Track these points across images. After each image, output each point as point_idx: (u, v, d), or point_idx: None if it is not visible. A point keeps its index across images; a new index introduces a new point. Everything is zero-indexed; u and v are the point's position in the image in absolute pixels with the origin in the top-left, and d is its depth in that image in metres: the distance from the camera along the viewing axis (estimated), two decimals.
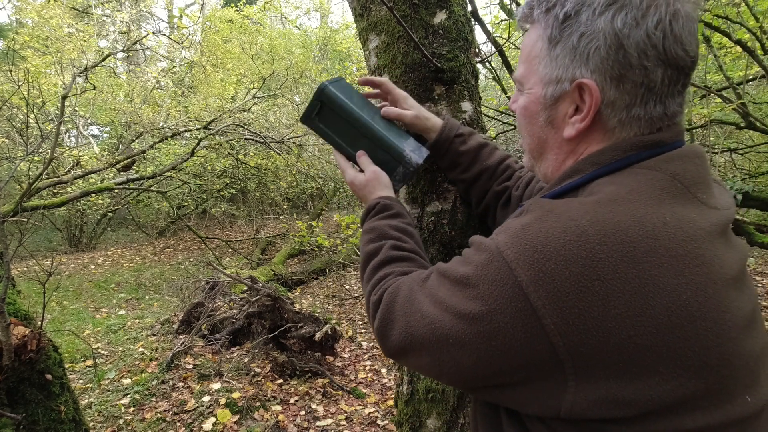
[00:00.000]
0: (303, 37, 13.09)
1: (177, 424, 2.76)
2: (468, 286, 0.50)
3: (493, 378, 0.50)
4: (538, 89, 0.57)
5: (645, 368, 0.42)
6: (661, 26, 0.48)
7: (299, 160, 7.67)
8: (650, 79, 0.50)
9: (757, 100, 3.80)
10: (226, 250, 8.35)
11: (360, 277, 0.78)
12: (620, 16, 0.48)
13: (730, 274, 0.47)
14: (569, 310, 0.42)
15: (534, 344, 0.44)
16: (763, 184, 3.74)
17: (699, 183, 0.50)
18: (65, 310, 5.21)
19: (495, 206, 0.92)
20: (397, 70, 0.99)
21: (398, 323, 0.59)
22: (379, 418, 2.98)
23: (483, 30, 2.29)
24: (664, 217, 0.45)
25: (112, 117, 8.21)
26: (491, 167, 0.92)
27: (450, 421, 0.92)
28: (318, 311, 4.75)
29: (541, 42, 0.55)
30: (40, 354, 1.69)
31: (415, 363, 0.59)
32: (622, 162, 0.52)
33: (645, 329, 0.42)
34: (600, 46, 0.50)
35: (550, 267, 0.43)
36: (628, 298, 0.42)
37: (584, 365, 0.43)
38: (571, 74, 0.53)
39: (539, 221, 0.47)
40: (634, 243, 0.43)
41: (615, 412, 0.43)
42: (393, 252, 0.73)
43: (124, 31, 8.85)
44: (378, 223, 0.80)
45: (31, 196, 5.01)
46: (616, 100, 0.51)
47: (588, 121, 0.53)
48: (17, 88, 4.26)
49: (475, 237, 0.56)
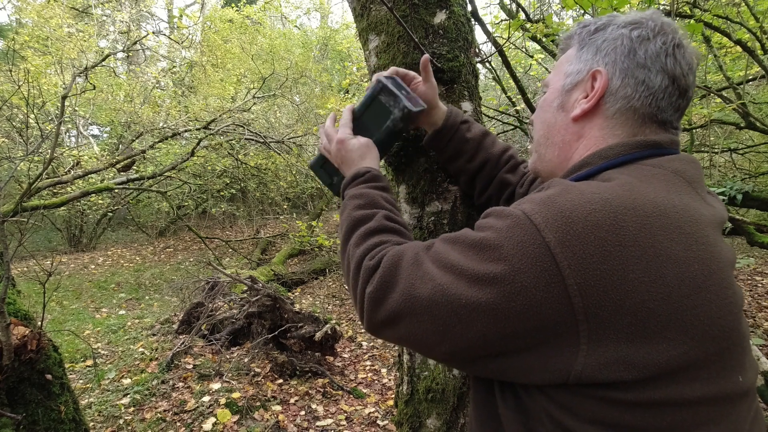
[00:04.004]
0: (303, 37, 13.10)
1: (177, 424, 2.76)
2: (488, 248, 0.51)
3: (502, 343, 0.50)
4: (558, 83, 0.67)
5: (655, 333, 0.45)
6: (666, 47, 0.59)
7: (299, 160, 7.67)
8: (651, 80, 0.59)
9: (757, 100, 3.80)
10: (226, 250, 8.35)
11: (343, 241, 0.73)
12: (637, 31, 0.60)
13: (729, 259, 0.52)
14: (592, 272, 0.45)
15: (554, 304, 0.46)
16: (763, 184, 3.74)
17: (697, 182, 0.56)
18: (65, 310, 5.21)
19: (498, 197, 0.92)
20: None
21: (400, 285, 0.57)
22: (379, 418, 2.98)
23: (483, 30, 2.29)
24: (674, 201, 0.50)
25: (112, 117, 8.20)
26: (495, 155, 0.93)
27: (450, 421, 0.92)
28: (318, 311, 4.75)
29: (573, 50, 0.67)
30: (40, 354, 1.69)
31: (410, 330, 0.56)
32: (627, 157, 0.58)
33: (657, 295, 0.45)
34: (617, 47, 0.61)
35: (578, 230, 0.46)
36: (644, 265, 0.45)
37: (598, 327, 0.45)
38: (590, 65, 0.63)
39: (565, 192, 0.50)
40: (650, 217, 0.48)
41: (623, 374, 0.45)
42: (387, 222, 0.71)
43: (124, 31, 8.85)
44: (368, 190, 0.77)
45: (31, 196, 5.01)
46: (619, 90, 0.60)
47: (594, 101, 0.61)
48: (17, 88, 4.25)
49: (493, 207, 0.57)
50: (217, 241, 8.40)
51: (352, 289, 0.66)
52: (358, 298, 0.63)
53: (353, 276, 0.66)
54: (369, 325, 0.61)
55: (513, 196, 0.90)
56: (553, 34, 2.71)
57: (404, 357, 1.02)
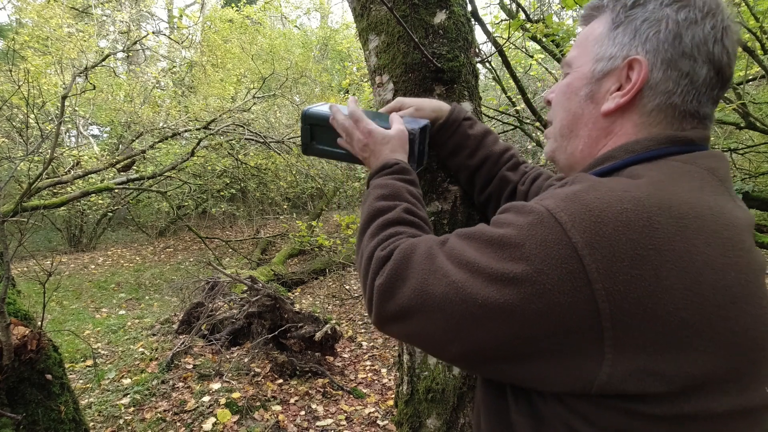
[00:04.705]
0: (303, 37, 13.10)
1: (177, 424, 2.76)
2: (508, 247, 0.47)
3: (518, 346, 0.47)
4: (586, 66, 0.60)
5: (686, 344, 0.42)
6: (715, 31, 0.52)
7: (299, 160, 7.67)
8: (695, 72, 0.53)
9: (757, 100, 3.80)
10: (226, 250, 8.35)
11: (360, 231, 0.70)
12: (684, 11, 0.52)
13: (762, 266, 0.48)
14: (622, 276, 0.42)
15: (578, 309, 0.43)
16: (763, 184, 3.74)
17: (729, 181, 0.52)
18: (65, 310, 5.21)
19: (499, 195, 0.91)
20: (397, 70, 0.99)
21: (412, 280, 0.54)
22: (379, 418, 2.98)
23: (483, 30, 2.29)
24: (709, 203, 0.47)
25: (112, 117, 8.20)
26: (496, 153, 0.92)
27: (450, 421, 0.92)
28: (318, 311, 4.75)
29: (603, 25, 0.59)
30: (40, 354, 1.69)
31: (420, 327, 0.53)
32: (655, 152, 0.53)
33: (691, 304, 0.42)
34: (660, 31, 0.53)
35: (607, 231, 0.43)
36: (679, 271, 0.42)
37: (625, 336, 0.42)
38: (626, 52, 0.55)
39: (592, 189, 0.47)
40: (686, 220, 0.44)
41: (652, 386, 0.42)
42: (406, 215, 0.68)
43: (124, 31, 8.85)
44: (394, 182, 0.74)
45: (31, 196, 5.01)
46: (660, 84, 0.54)
47: (630, 96, 0.55)
48: (17, 88, 4.25)
49: (512, 203, 0.54)
50: (217, 241, 8.40)
51: (362, 280, 0.63)
52: (367, 288, 0.60)
53: (364, 267, 0.63)
54: (377, 319, 0.58)
55: (514, 194, 0.89)
56: (553, 34, 2.71)
57: (404, 357, 1.02)
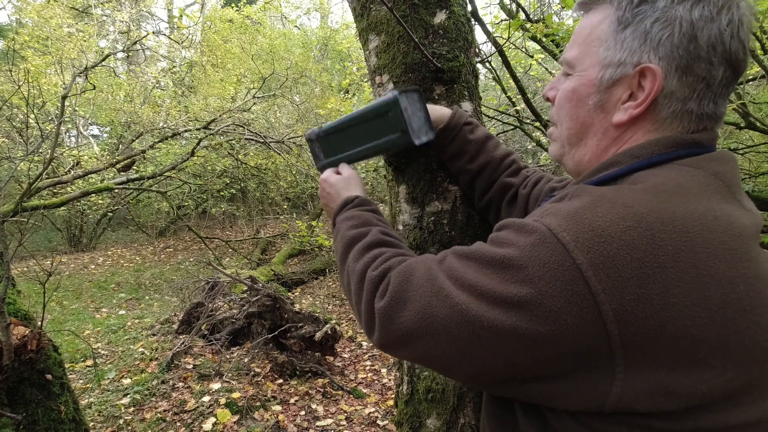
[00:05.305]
0: (303, 37, 13.10)
1: (177, 424, 2.76)
2: (511, 268, 0.46)
3: (530, 369, 0.46)
4: (593, 72, 0.56)
5: (698, 360, 0.41)
6: (732, 26, 0.48)
7: (299, 160, 7.67)
8: (712, 75, 0.50)
9: (757, 100, 3.80)
10: (226, 250, 8.35)
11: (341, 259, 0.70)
12: (698, 8, 0.48)
13: None
14: (629, 296, 0.41)
15: (587, 331, 0.42)
16: (763, 184, 3.74)
17: (736, 185, 0.51)
18: (65, 310, 5.21)
19: (499, 200, 0.91)
20: (397, 70, 0.99)
21: (414, 303, 0.53)
22: (379, 418, 2.98)
23: (483, 30, 2.29)
24: (715, 212, 0.45)
25: (112, 117, 8.20)
26: (497, 159, 0.91)
27: (450, 421, 0.92)
28: (318, 311, 4.75)
29: (607, 24, 0.54)
30: (40, 354, 1.69)
31: (426, 350, 0.52)
32: (661, 157, 0.51)
33: (701, 320, 0.41)
34: (674, 34, 0.49)
35: (612, 251, 0.42)
36: (686, 287, 0.41)
37: (636, 355, 0.41)
38: (637, 58, 0.51)
39: (593, 206, 0.46)
40: (691, 233, 0.43)
41: (664, 404, 0.41)
42: (383, 236, 0.68)
43: (124, 31, 8.85)
44: (360, 212, 0.76)
45: (31, 196, 5.01)
46: (676, 91, 0.51)
47: (644, 107, 0.52)
48: (17, 88, 4.25)
49: (509, 219, 0.52)
50: (217, 241, 8.40)
51: (356, 303, 0.62)
52: (364, 311, 0.59)
53: (356, 290, 0.62)
54: (381, 343, 0.56)
55: (515, 198, 0.88)
56: (553, 34, 2.71)
57: None
